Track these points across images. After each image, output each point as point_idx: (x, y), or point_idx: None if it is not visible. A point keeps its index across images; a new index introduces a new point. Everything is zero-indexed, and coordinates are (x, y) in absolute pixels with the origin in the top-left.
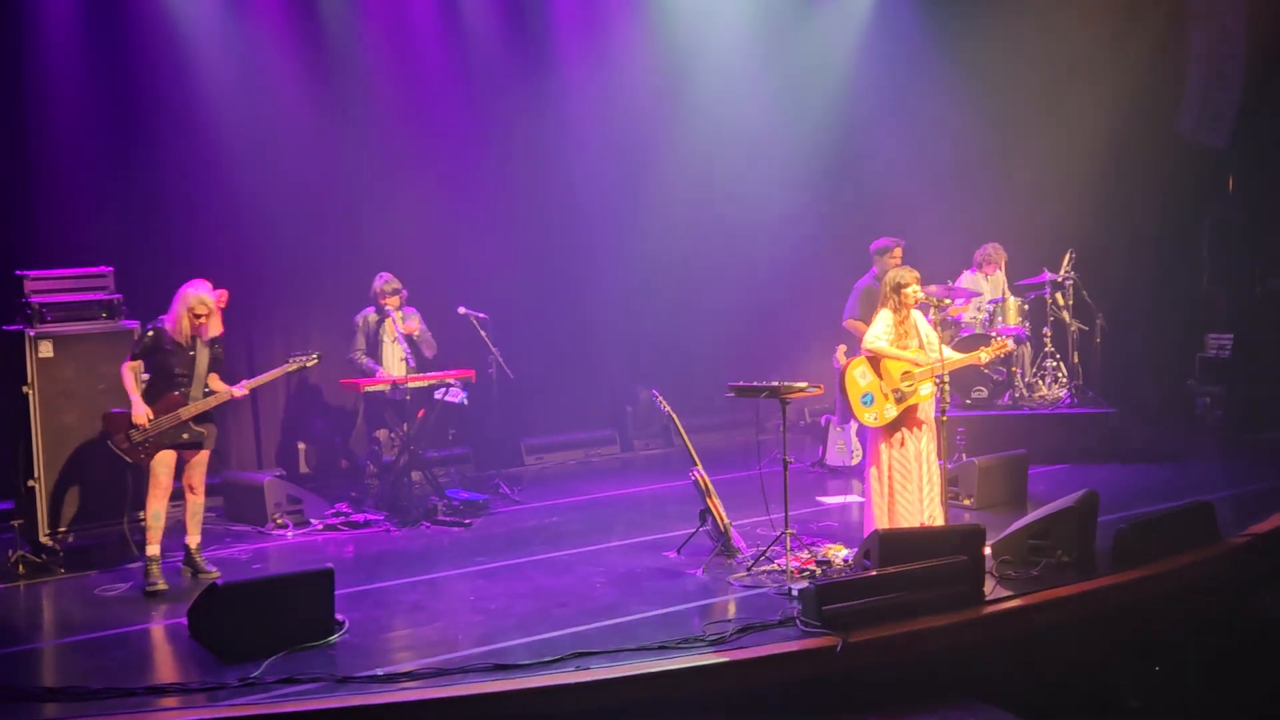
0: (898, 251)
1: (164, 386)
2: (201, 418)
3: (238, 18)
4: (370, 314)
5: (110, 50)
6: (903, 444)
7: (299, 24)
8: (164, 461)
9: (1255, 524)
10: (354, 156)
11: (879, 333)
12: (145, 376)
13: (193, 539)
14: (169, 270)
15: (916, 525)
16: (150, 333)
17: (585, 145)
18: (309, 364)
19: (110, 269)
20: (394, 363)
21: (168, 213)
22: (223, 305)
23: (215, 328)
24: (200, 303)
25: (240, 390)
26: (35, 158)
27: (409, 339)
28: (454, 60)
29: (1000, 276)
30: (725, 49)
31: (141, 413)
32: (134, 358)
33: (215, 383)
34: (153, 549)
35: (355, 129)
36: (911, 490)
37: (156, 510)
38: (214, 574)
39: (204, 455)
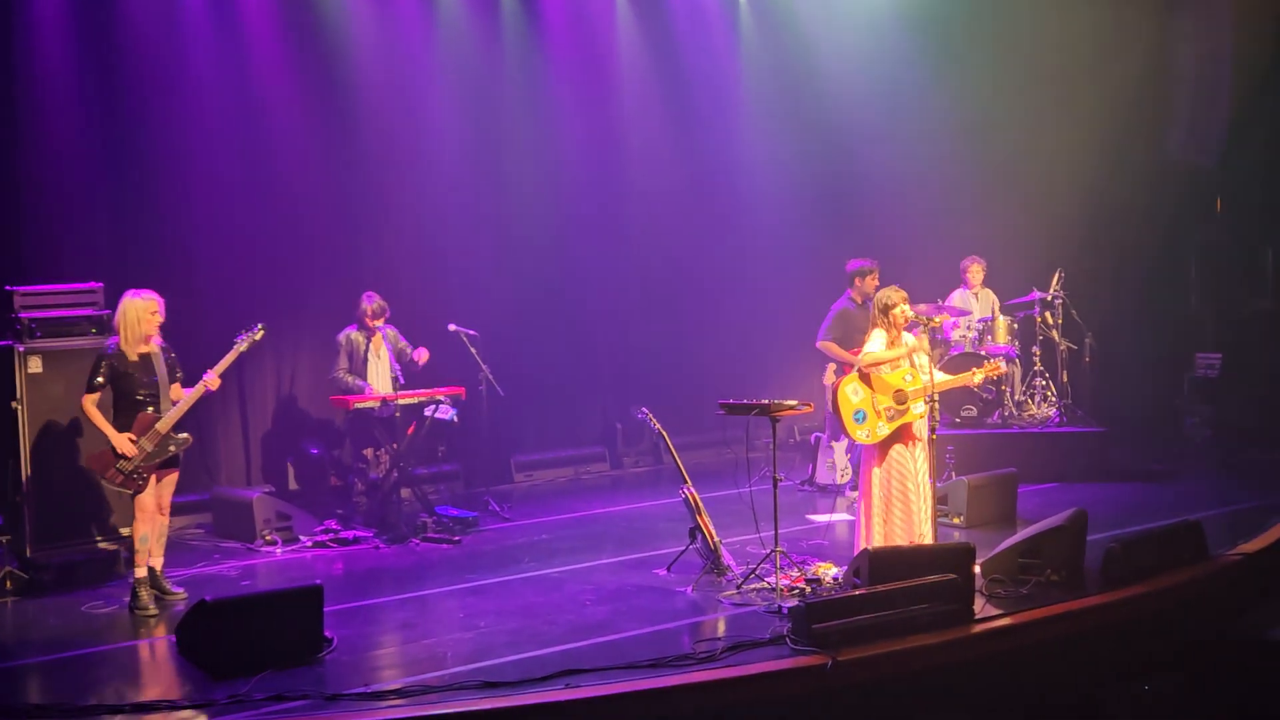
0: (876, 272)
1: (132, 410)
2: (178, 426)
3: (229, 33)
4: (353, 332)
5: (101, 64)
6: (899, 461)
7: (289, 38)
8: (149, 485)
9: (1244, 543)
10: (344, 172)
11: (874, 349)
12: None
13: (157, 560)
14: (159, 286)
15: (909, 543)
16: (105, 362)
17: (576, 163)
18: (257, 338)
19: (100, 285)
20: (381, 380)
21: (158, 229)
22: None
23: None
24: (148, 306)
25: (212, 381)
26: (25, 172)
27: (400, 356)
28: (445, 75)
29: (989, 294)
30: (716, 66)
31: (125, 440)
32: (94, 389)
33: (177, 391)
34: (141, 571)
35: (345, 144)
36: (912, 506)
37: (144, 534)
38: (180, 595)
39: (175, 475)
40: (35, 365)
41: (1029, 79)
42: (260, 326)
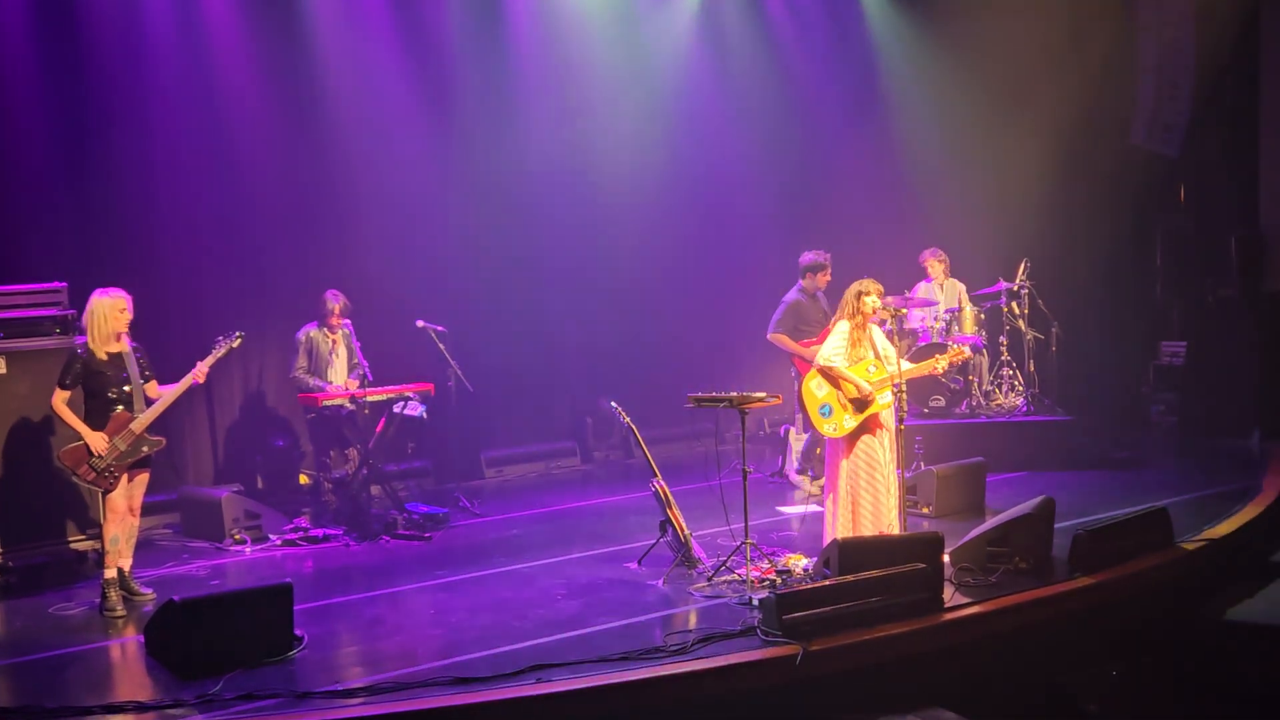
0: (829, 268)
1: (105, 409)
2: (153, 427)
3: (192, 31)
4: (313, 330)
5: (63, 62)
6: (867, 451)
7: (254, 37)
8: (120, 484)
9: (1209, 528)
10: (310, 167)
11: (836, 347)
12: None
13: (126, 561)
14: (124, 286)
15: (877, 533)
16: (78, 360)
17: (544, 158)
18: (234, 345)
19: (64, 285)
20: (341, 379)
21: (122, 229)
22: None
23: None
24: (117, 304)
25: (200, 374)
26: None
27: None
28: (412, 71)
29: (956, 284)
30: (680, 62)
31: (98, 439)
32: (65, 387)
33: (154, 389)
34: (110, 572)
35: (311, 140)
36: (880, 496)
37: (115, 535)
38: (149, 595)
39: (147, 476)
40: None
41: (995, 69)
42: (238, 334)
